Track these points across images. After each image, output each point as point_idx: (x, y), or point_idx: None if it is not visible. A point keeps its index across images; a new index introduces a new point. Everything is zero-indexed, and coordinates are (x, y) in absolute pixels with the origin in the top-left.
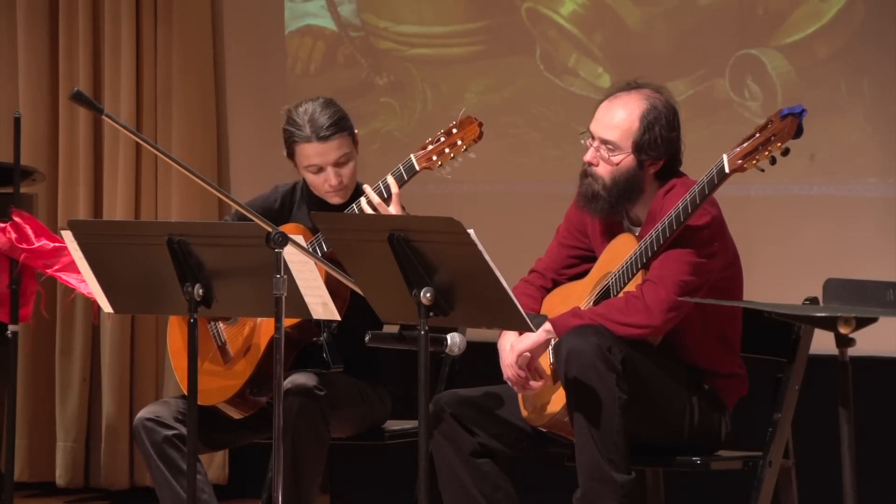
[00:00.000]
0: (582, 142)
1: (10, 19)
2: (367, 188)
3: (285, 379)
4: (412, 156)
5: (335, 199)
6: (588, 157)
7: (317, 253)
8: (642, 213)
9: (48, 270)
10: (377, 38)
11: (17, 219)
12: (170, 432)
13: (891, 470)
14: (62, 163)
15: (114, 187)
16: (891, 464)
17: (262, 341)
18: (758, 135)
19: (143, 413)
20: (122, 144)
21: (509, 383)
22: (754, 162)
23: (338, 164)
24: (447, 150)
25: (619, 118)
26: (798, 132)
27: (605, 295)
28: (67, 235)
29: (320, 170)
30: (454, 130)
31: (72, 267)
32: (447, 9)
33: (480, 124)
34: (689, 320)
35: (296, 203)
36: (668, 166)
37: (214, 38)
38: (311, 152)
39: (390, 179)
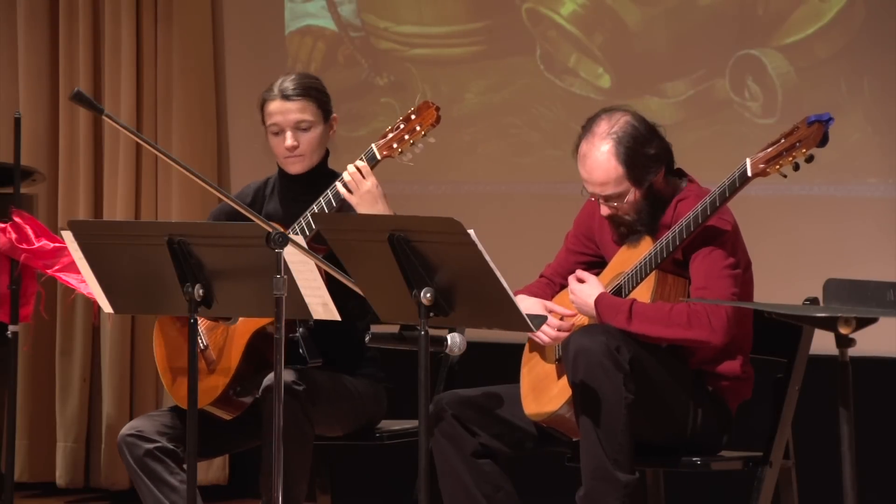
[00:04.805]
0: (583, 195)
1: (10, 20)
2: (343, 175)
3: (265, 377)
4: (373, 145)
5: (293, 168)
6: (604, 212)
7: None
8: None
9: (48, 271)
10: (377, 38)
11: (17, 219)
12: (151, 445)
13: (891, 470)
14: (62, 163)
15: (114, 187)
16: (891, 464)
17: (241, 341)
18: (783, 140)
19: (125, 430)
20: (122, 144)
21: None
22: (777, 167)
23: (297, 129)
24: (406, 137)
25: (602, 173)
26: (823, 140)
27: (616, 293)
28: (67, 235)
29: (280, 131)
30: (412, 117)
31: (72, 267)
32: (447, 9)
33: (437, 108)
34: None
35: (267, 196)
36: (668, 165)
37: (214, 38)
38: (272, 109)
39: (358, 163)
